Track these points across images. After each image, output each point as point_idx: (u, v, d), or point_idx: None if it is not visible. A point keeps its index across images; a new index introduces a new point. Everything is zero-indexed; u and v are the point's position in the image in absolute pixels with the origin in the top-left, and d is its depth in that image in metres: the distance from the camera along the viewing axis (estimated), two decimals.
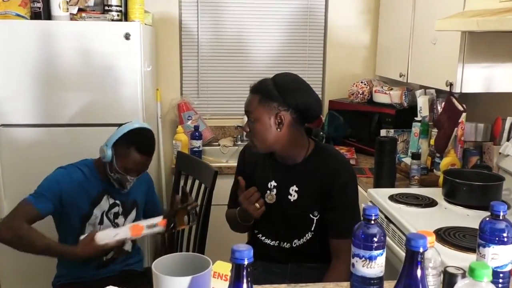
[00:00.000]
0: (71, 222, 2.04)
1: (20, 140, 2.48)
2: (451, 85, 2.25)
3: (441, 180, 2.34)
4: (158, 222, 1.96)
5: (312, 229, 1.77)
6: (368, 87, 3.11)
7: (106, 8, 2.57)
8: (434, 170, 2.48)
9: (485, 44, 2.19)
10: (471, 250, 1.53)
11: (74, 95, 2.48)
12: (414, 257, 0.91)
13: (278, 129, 1.70)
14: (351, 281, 1.05)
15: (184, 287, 0.79)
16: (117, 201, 2.11)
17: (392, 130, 2.75)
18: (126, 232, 1.92)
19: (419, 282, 0.90)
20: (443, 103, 2.49)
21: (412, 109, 2.83)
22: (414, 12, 2.68)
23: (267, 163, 1.85)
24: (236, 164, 2.00)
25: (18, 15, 2.47)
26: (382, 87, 3.03)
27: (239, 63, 3.35)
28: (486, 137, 2.50)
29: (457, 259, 1.51)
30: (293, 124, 1.71)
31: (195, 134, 2.82)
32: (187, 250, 2.33)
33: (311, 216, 1.76)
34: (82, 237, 1.91)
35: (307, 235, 1.77)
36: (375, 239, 0.99)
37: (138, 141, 1.96)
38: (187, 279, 0.79)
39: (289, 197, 1.78)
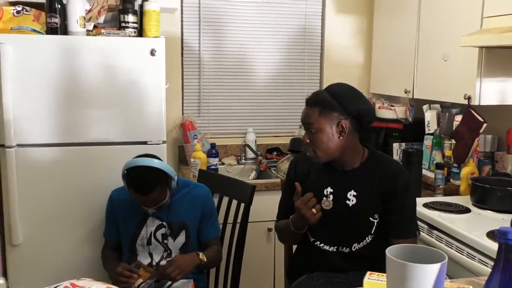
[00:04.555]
0: (124, 243, 2.04)
1: (38, 160, 2.32)
2: (469, 98, 2.39)
3: (462, 188, 2.47)
4: None
5: (372, 232, 1.80)
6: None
7: (123, 24, 2.51)
8: (451, 179, 2.61)
9: (500, 59, 2.36)
10: None
11: (95, 112, 2.37)
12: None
13: (340, 137, 1.76)
14: None
15: (434, 273, 0.80)
16: (164, 222, 2.06)
17: (403, 144, 2.86)
18: None
19: None
20: (458, 116, 2.63)
21: (416, 123, 2.97)
22: (418, 31, 2.83)
23: (321, 171, 1.88)
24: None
25: (34, 30, 2.36)
26: (383, 104, 3.16)
27: (239, 82, 3.36)
28: (494, 147, 2.67)
29: None
30: (352, 132, 1.78)
31: (212, 151, 2.78)
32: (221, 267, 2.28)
33: (371, 219, 1.80)
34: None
35: (367, 238, 1.81)
36: None
37: (133, 183, 1.94)
38: (437, 266, 0.80)
39: (347, 202, 1.81)
